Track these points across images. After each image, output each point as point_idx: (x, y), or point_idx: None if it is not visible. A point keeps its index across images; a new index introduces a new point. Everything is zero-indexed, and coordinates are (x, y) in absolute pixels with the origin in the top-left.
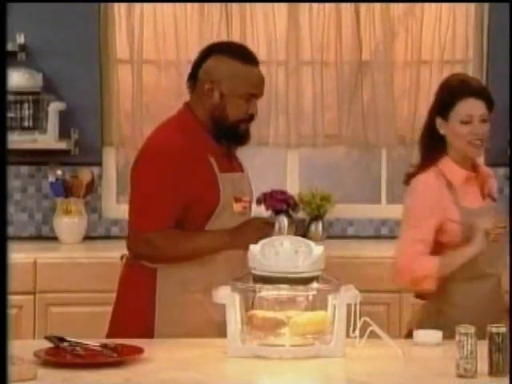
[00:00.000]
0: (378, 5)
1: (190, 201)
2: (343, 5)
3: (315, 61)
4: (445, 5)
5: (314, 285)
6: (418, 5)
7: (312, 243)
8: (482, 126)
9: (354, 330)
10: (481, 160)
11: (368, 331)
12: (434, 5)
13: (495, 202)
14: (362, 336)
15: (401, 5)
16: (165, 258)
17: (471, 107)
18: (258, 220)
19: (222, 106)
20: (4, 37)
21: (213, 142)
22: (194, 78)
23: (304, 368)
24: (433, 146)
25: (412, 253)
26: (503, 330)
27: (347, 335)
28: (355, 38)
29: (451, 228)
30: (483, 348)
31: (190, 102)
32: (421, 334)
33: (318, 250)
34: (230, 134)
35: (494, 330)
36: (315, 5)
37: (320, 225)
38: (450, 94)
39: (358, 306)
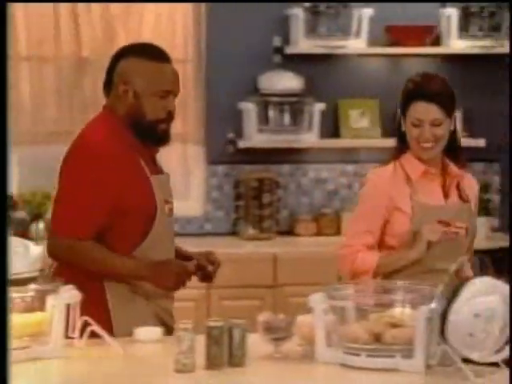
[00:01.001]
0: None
1: (126, 205)
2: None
3: (32, 57)
4: (165, 4)
5: (32, 286)
6: (138, 3)
7: (31, 243)
8: (433, 130)
9: (73, 330)
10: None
11: (88, 331)
12: (153, 3)
13: (467, 203)
14: (82, 336)
15: (120, 3)
16: (85, 268)
17: (421, 111)
18: (178, 266)
19: (137, 105)
20: (4, 37)
21: (139, 144)
22: (109, 82)
23: (21, 371)
24: (399, 140)
25: (356, 244)
26: (220, 324)
27: (67, 336)
28: (73, 35)
29: (401, 220)
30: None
31: (111, 107)
32: (141, 332)
33: (36, 250)
34: (149, 134)
35: (211, 324)
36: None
37: (41, 224)
38: (405, 95)
39: (78, 306)
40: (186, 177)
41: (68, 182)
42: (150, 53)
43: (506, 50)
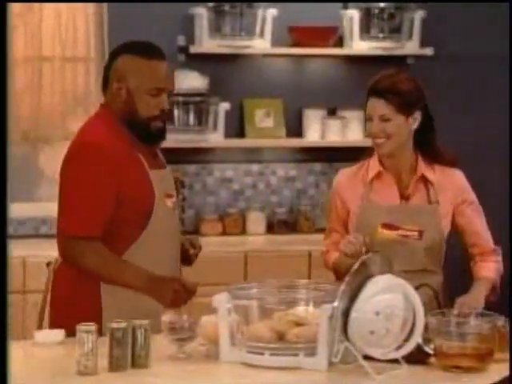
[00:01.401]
0: None
1: (124, 199)
2: None
3: None
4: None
5: None
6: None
7: None
8: (383, 126)
9: None
10: None
11: None
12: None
13: (432, 205)
14: None
15: None
16: (87, 269)
17: (371, 106)
18: (178, 284)
19: (130, 103)
20: (4, 37)
21: (137, 140)
22: (106, 79)
23: None
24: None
25: (327, 243)
26: (124, 325)
27: None
28: None
29: (350, 219)
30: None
31: (106, 104)
32: (42, 334)
33: None
34: (143, 131)
35: (114, 325)
36: None
37: None
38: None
39: None
40: None
41: (71, 182)
42: (144, 51)
43: (406, 51)
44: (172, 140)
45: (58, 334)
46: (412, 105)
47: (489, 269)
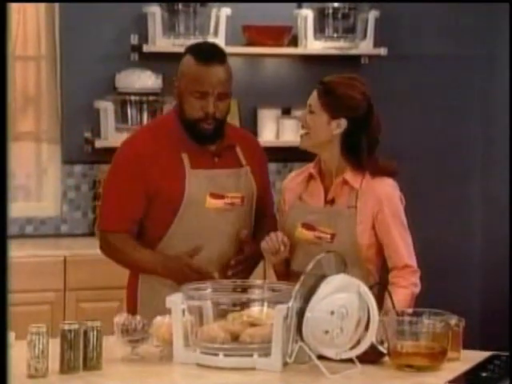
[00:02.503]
0: None
1: (153, 195)
2: None
3: None
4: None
5: None
6: None
7: None
8: (305, 114)
9: None
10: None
11: None
12: None
13: (350, 209)
14: None
15: None
16: (120, 261)
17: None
18: (187, 265)
19: (181, 102)
20: (4, 36)
21: (189, 139)
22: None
23: None
24: None
25: None
26: (75, 326)
27: None
28: None
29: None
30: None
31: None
32: None
33: None
34: (192, 131)
35: (66, 327)
36: None
37: None
38: None
39: None
40: (39, 177)
41: (106, 181)
42: (200, 53)
43: (360, 51)
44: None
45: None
46: (339, 109)
47: (396, 299)
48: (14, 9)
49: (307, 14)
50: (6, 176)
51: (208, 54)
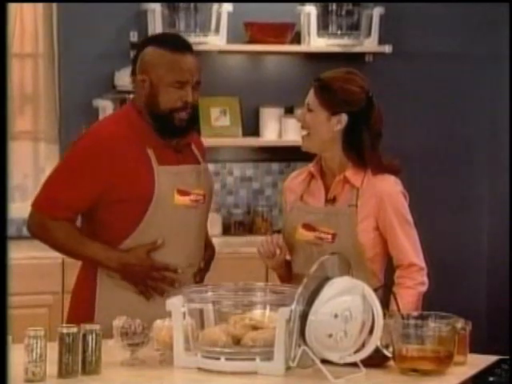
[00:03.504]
0: None
1: (118, 196)
2: None
3: None
4: None
5: None
6: None
7: None
8: (304, 114)
9: None
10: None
11: None
12: None
13: (350, 208)
14: None
15: None
16: (51, 244)
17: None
18: (150, 265)
19: (153, 95)
20: (4, 36)
21: (153, 134)
22: (133, 72)
23: None
24: None
25: None
26: (74, 330)
27: None
28: None
29: None
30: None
31: (134, 98)
32: None
33: None
34: (166, 124)
35: (64, 330)
36: None
37: None
38: None
39: None
40: (37, 177)
41: (60, 164)
42: (169, 43)
43: (364, 48)
44: None
45: None
46: (338, 105)
47: (403, 302)
48: (11, 5)
49: (310, 10)
50: (6, 176)
51: (180, 43)
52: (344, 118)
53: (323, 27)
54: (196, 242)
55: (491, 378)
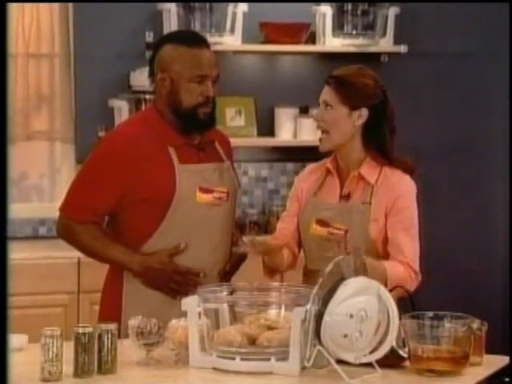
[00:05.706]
0: None
1: (139, 195)
2: None
3: None
4: None
5: None
6: None
7: None
8: (322, 112)
9: None
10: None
11: None
12: None
13: (364, 205)
14: None
15: None
16: (79, 248)
17: (322, 93)
18: (173, 269)
19: (174, 92)
20: (4, 36)
21: (174, 133)
22: (152, 73)
23: None
24: None
25: (278, 226)
26: (89, 330)
27: None
28: None
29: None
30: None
31: (154, 98)
32: None
33: None
34: (190, 120)
35: (80, 330)
36: None
37: None
38: None
39: None
40: (53, 177)
41: (83, 169)
42: (185, 38)
43: (379, 48)
44: None
45: (21, 338)
46: (358, 99)
47: (394, 265)
48: (27, 6)
49: (326, 10)
50: (6, 176)
51: (194, 38)
52: (365, 112)
53: (338, 27)
54: (220, 240)
55: (507, 379)
